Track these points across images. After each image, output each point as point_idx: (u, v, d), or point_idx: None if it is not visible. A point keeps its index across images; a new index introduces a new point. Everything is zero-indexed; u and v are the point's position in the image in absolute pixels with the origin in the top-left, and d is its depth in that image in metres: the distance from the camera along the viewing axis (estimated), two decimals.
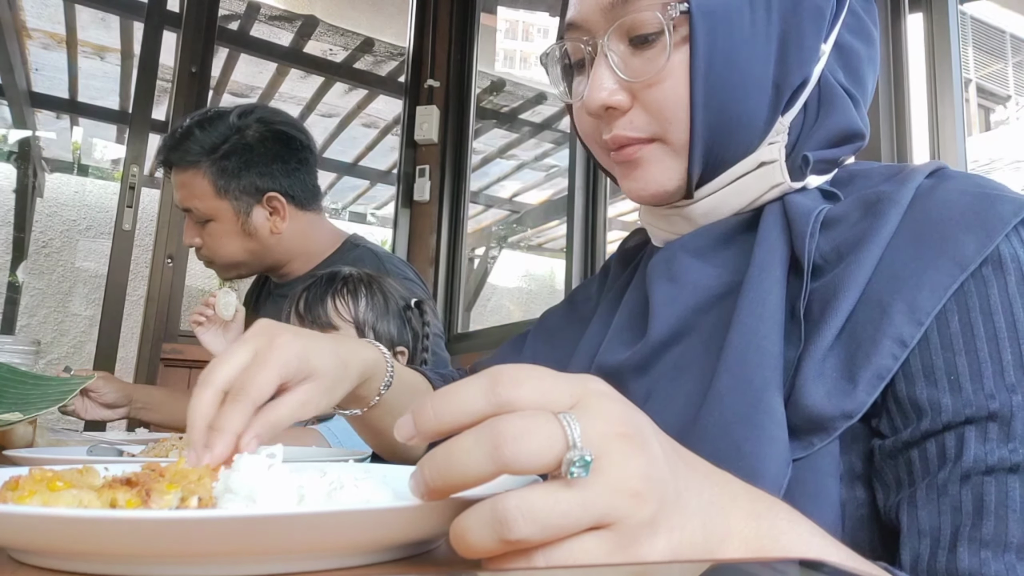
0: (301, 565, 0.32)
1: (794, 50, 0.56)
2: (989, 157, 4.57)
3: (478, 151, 3.92)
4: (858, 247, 0.49)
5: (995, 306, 0.45)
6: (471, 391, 0.30)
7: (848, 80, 0.59)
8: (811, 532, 0.35)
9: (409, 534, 0.34)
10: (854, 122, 0.58)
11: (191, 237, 1.51)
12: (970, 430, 0.43)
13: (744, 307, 0.52)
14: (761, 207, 0.59)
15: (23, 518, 0.29)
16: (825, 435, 0.46)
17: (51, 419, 1.60)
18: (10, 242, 3.99)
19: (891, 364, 0.46)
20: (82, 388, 1.33)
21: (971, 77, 6.90)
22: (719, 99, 0.56)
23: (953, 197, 0.49)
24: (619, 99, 0.58)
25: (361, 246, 1.57)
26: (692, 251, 0.60)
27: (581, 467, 0.28)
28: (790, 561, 0.29)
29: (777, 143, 0.57)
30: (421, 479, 0.30)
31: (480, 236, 5.11)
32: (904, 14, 1.43)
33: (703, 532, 0.31)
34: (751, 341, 0.50)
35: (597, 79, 0.58)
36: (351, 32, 3.72)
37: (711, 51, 0.55)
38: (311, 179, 1.54)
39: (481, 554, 0.29)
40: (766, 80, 0.56)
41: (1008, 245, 0.46)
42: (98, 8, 2.87)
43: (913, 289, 0.46)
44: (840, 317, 0.48)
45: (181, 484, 0.36)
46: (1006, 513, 0.41)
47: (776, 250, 0.54)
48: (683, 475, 0.32)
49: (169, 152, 1.47)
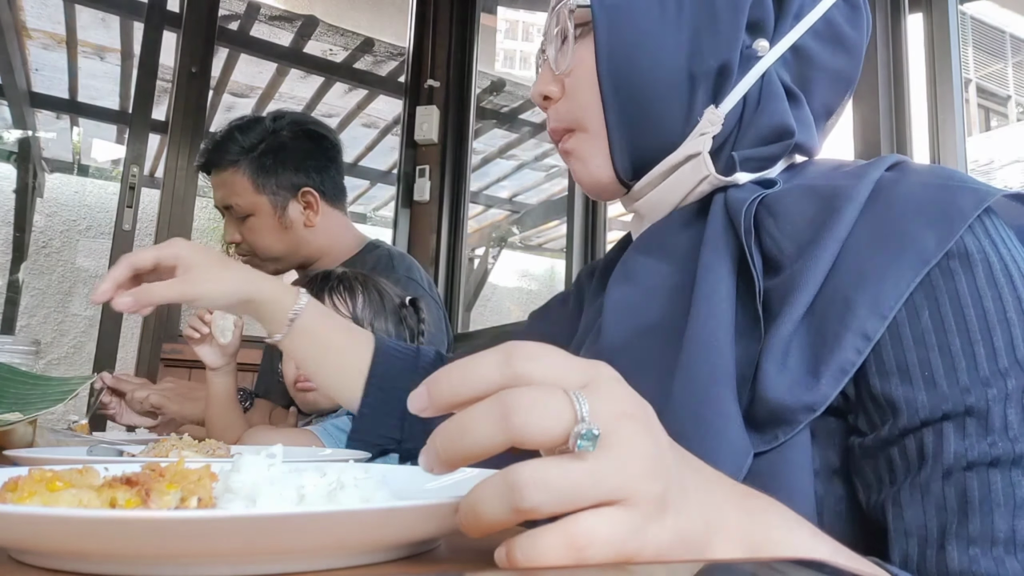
0: (301, 565, 0.32)
1: (707, 39, 0.58)
2: (989, 157, 4.57)
3: (478, 151, 3.92)
4: (815, 242, 0.50)
5: (965, 300, 0.45)
6: (486, 364, 0.30)
7: (795, 82, 0.60)
8: (800, 527, 0.35)
9: (409, 534, 0.34)
10: (784, 120, 0.58)
11: (232, 234, 1.60)
12: (948, 426, 0.43)
13: (694, 307, 0.53)
14: (709, 200, 0.60)
15: (23, 518, 0.29)
16: (789, 428, 0.46)
17: (51, 419, 1.60)
18: (10, 242, 4.00)
19: (854, 358, 0.46)
20: (118, 392, 1.43)
21: (971, 77, 6.90)
22: (628, 87, 0.59)
23: (915, 190, 0.49)
24: (551, 89, 0.64)
25: (381, 247, 1.65)
26: (645, 250, 0.62)
27: (588, 440, 0.28)
28: (790, 561, 0.29)
29: (708, 134, 0.58)
30: (432, 450, 0.30)
31: (480, 236, 5.11)
32: (904, 14, 1.43)
33: (703, 520, 0.31)
34: (701, 339, 0.50)
35: (540, 74, 0.66)
36: (351, 32, 3.73)
37: (613, 41, 0.59)
38: (339, 176, 1.66)
39: (492, 526, 0.29)
40: (679, 69, 0.58)
41: (973, 238, 0.46)
42: (98, 8, 2.87)
43: (876, 283, 0.46)
44: (798, 310, 0.48)
45: (181, 484, 0.36)
46: (991, 508, 0.41)
47: (721, 248, 0.54)
48: (681, 465, 0.32)
49: (210, 154, 1.57)
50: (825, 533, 0.36)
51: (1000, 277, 0.45)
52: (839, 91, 0.63)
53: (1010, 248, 0.47)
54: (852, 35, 0.61)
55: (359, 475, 0.40)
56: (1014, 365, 0.43)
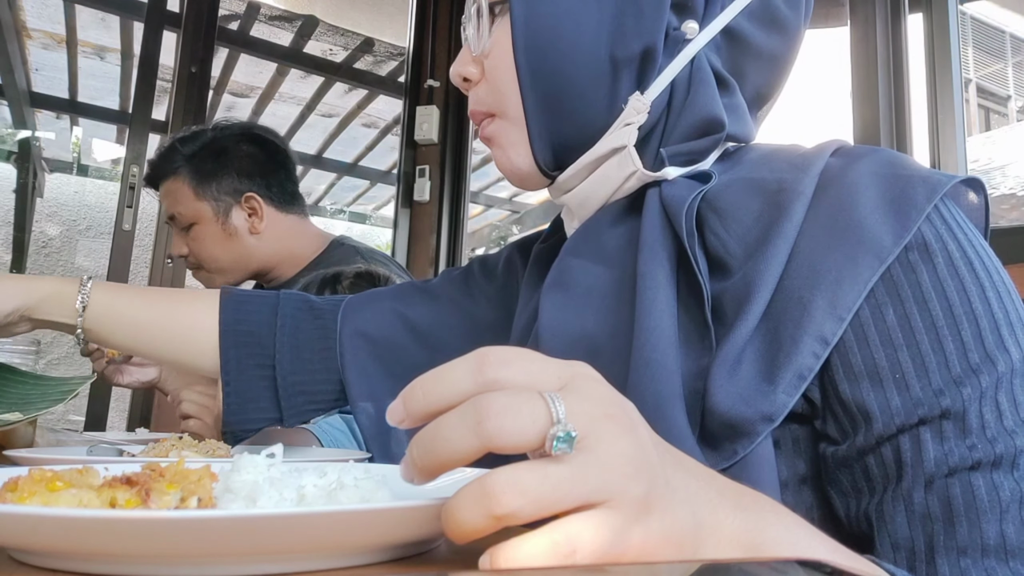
0: (301, 565, 0.32)
1: (631, 20, 0.54)
2: (989, 157, 4.57)
3: (478, 151, 3.91)
4: (764, 242, 0.48)
5: (928, 294, 0.43)
6: (459, 371, 0.30)
7: (727, 67, 0.57)
8: (797, 525, 0.34)
9: (409, 534, 0.34)
10: (714, 111, 0.55)
11: (179, 247, 1.59)
12: (925, 431, 0.42)
13: (636, 321, 0.50)
14: (641, 193, 0.57)
15: (23, 518, 0.29)
16: (747, 441, 0.44)
17: (51, 419, 1.60)
18: (10, 242, 3.99)
19: (812, 363, 0.44)
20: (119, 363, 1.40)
21: (971, 77, 6.90)
22: (546, 71, 0.55)
23: (864, 181, 0.47)
24: (470, 71, 0.61)
25: (346, 244, 1.61)
26: (576, 252, 0.58)
27: (565, 442, 0.27)
28: (789, 561, 0.29)
29: (633, 124, 0.55)
30: (410, 459, 0.30)
31: (480, 236, 5.11)
32: (904, 14, 1.43)
33: (693, 520, 0.30)
34: (644, 356, 0.48)
35: (460, 54, 0.62)
36: (351, 32, 3.72)
37: (530, 21, 0.55)
38: (289, 182, 1.61)
39: (471, 533, 0.28)
40: (599, 50, 0.55)
41: (931, 227, 0.45)
42: (98, 8, 2.87)
43: (833, 284, 0.45)
44: (754, 317, 0.46)
45: (181, 484, 0.36)
46: (976, 515, 0.40)
47: (658, 251, 0.52)
48: (670, 464, 0.31)
49: (154, 167, 1.56)
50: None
51: (961, 266, 0.44)
52: (774, 76, 0.60)
53: (967, 233, 0.46)
54: (789, 15, 0.57)
55: (359, 475, 0.40)
56: (985, 360, 0.42)
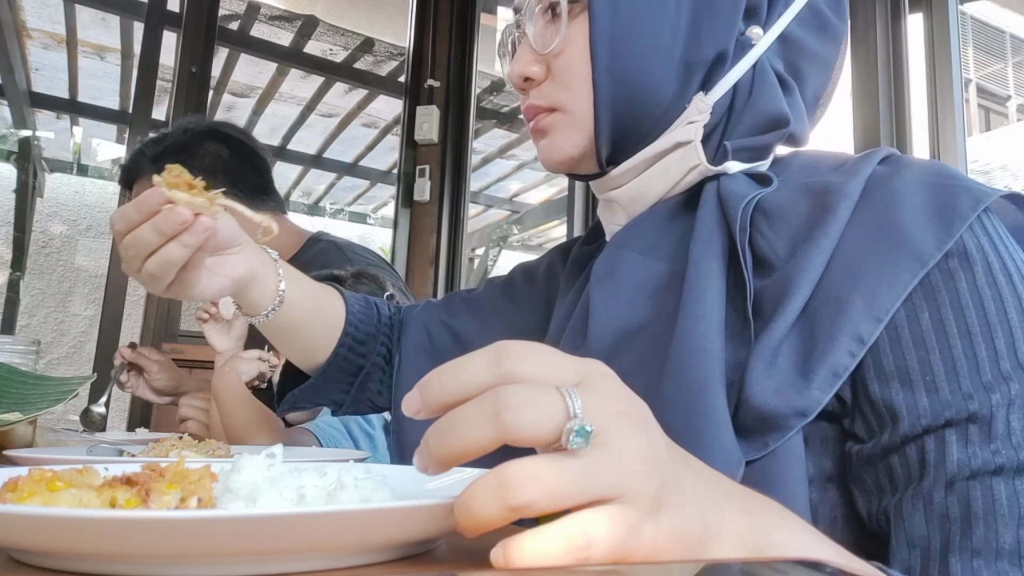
0: (301, 565, 0.32)
1: (707, 25, 0.56)
2: (989, 157, 4.57)
3: (478, 151, 3.92)
4: (808, 241, 0.48)
5: (965, 300, 0.44)
6: (476, 364, 0.30)
7: (787, 70, 0.59)
8: (803, 529, 0.34)
9: (409, 534, 0.34)
10: (779, 107, 0.57)
11: None
12: (950, 433, 0.42)
13: (683, 308, 0.51)
14: (697, 190, 0.58)
15: (23, 518, 0.29)
16: (779, 434, 0.45)
17: (51, 419, 1.60)
18: (10, 242, 3.99)
19: (848, 362, 0.45)
20: (137, 366, 1.43)
21: (971, 77, 6.90)
22: (623, 67, 0.56)
23: (910, 187, 0.48)
24: (534, 70, 0.61)
25: (323, 240, 1.59)
26: (629, 245, 0.59)
27: (582, 437, 0.28)
28: (790, 561, 0.29)
29: (697, 122, 0.57)
30: (425, 450, 0.30)
31: (480, 236, 5.11)
32: (904, 14, 1.43)
33: (700, 520, 0.30)
34: (690, 343, 0.49)
35: (518, 54, 0.62)
36: (351, 32, 3.72)
37: (611, 19, 0.56)
38: (259, 179, 1.56)
39: (485, 525, 0.28)
40: (674, 52, 0.56)
41: (973, 237, 0.45)
42: (98, 8, 2.87)
43: (872, 285, 0.45)
44: (792, 313, 0.47)
45: (181, 484, 0.36)
46: (994, 518, 0.40)
47: (712, 242, 0.53)
48: (679, 465, 0.32)
49: (124, 170, 1.53)
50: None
51: (1000, 277, 0.44)
52: (827, 78, 0.62)
53: (1008, 247, 0.46)
54: (836, 21, 0.60)
55: (359, 475, 0.40)
56: (1016, 368, 0.42)
